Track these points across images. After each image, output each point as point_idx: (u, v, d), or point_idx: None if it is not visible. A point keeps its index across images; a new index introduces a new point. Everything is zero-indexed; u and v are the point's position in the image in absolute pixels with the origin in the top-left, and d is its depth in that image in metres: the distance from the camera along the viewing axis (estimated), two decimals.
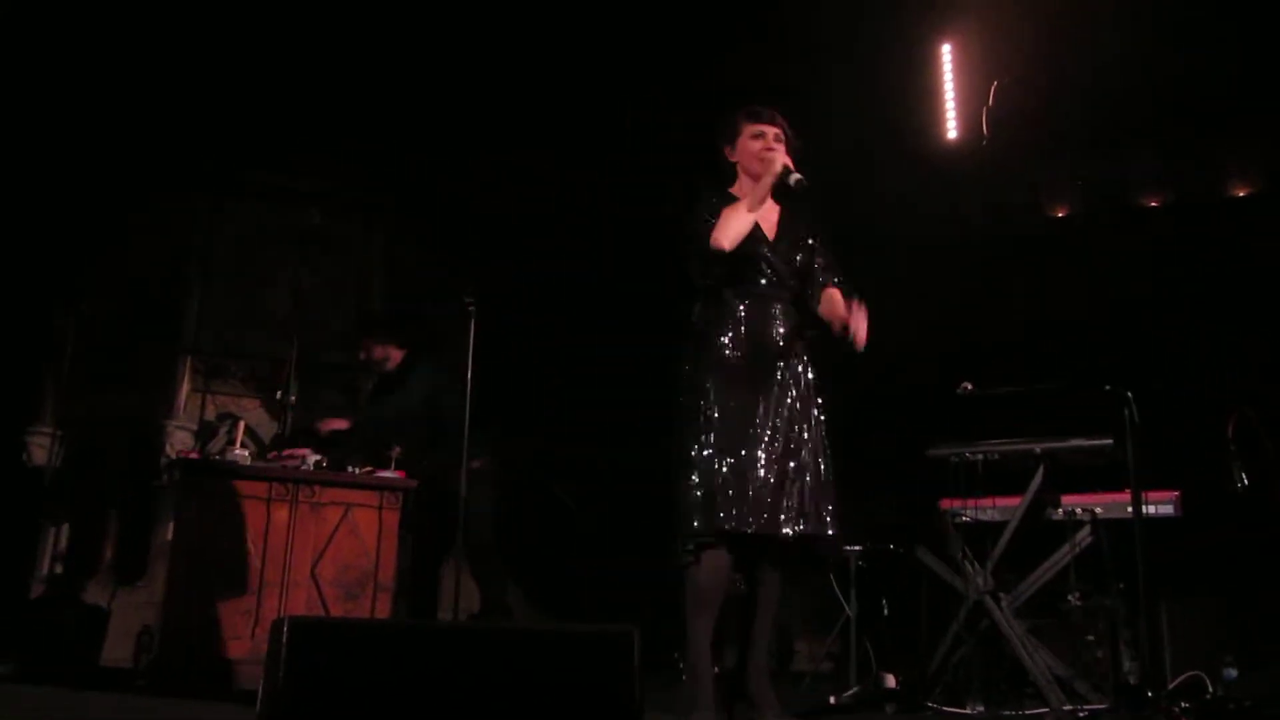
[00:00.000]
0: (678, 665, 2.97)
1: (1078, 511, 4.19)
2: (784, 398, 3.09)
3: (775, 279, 3.17)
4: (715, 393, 3.06)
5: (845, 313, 3.08)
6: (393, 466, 4.42)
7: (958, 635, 4.18)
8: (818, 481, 3.05)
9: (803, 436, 3.08)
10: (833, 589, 4.79)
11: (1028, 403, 4.02)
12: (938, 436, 4.40)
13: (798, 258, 3.22)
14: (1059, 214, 6.34)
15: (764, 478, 2.98)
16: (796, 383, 3.13)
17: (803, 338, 3.22)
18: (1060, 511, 4.26)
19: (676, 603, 3.04)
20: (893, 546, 4.71)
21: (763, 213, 3.17)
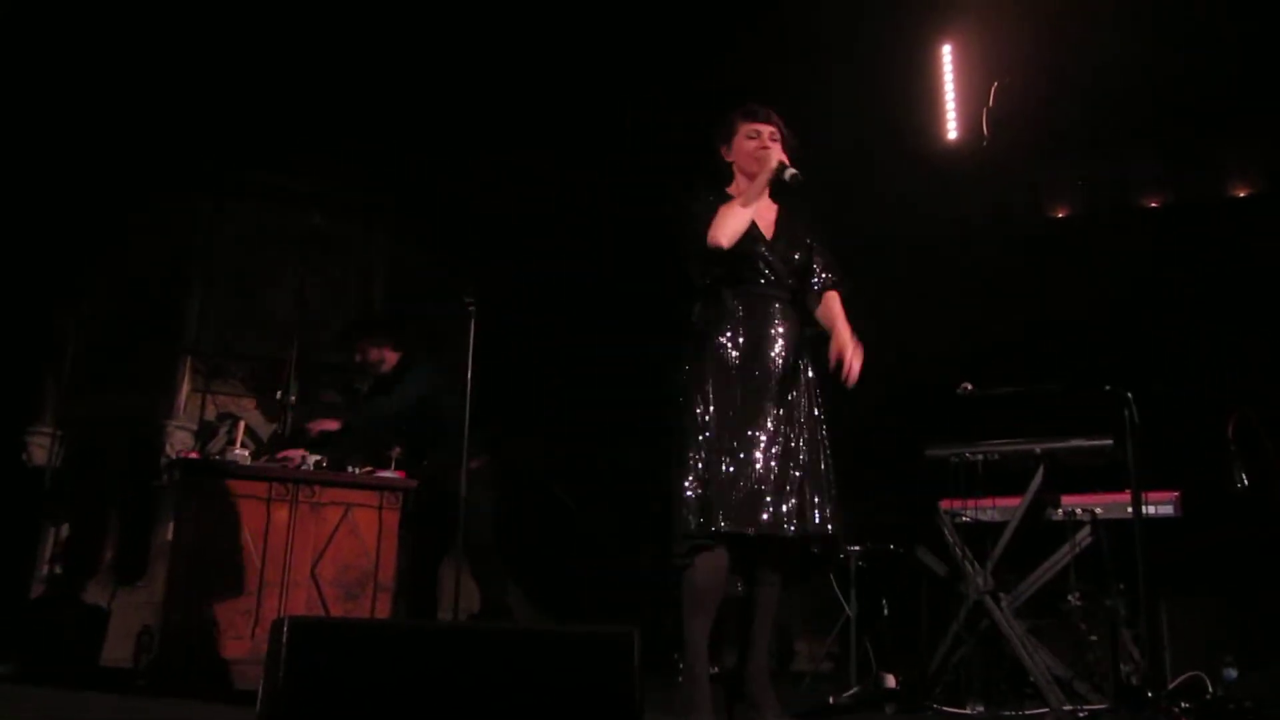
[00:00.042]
0: (677, 666, 2.97)
1: (1078, 512, 4.19)
2: (783, 397, 3.07)
3: (773, 278, 3.16)
4: (714, 393, 3.05)
5: (842, 343, 3.09)
6: (393, 467, 4.43)
7: (958, 635, 4.19)
8: (819, 481, 3.05)
9: (803, 436, 3.07)
10: (833, 589, 4.79)
11: (1028, 403, 4.02)
12: (938, 437, 4.40)
13: (796, 256, 3.20)
14: (1059, 214, 6.34)
15: (764, 478, 2.97)
16: (796, 382, 3.12)
17: (802, 337, 3.20)
18: (1060, 512, 4.27)
19: (676, 603, 3.04)
20: (893, 546, 4.71)
21: (760, 212, 3.17)
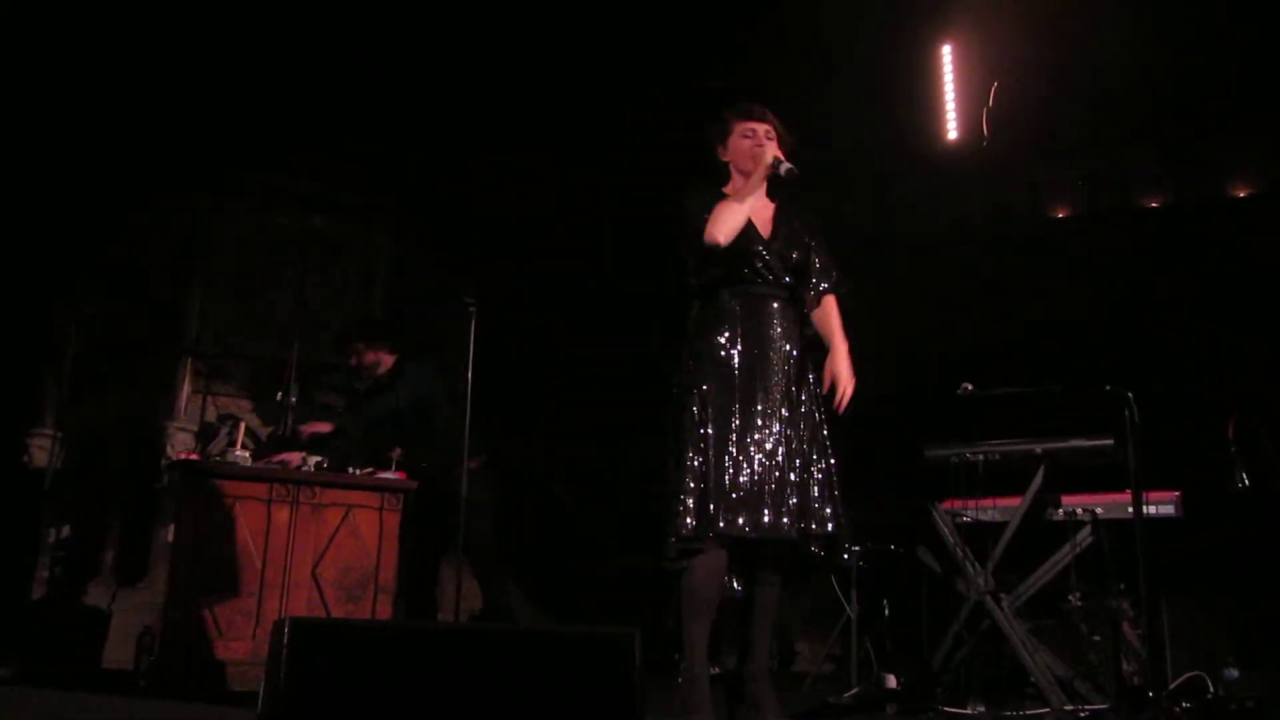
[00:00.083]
0: (678, 666, 2.96)
1: (1078, 512, 4.19)
2: (782, 397, 3.05)
3: (771, 277, 3.14)
4: (712, 394, 3.03)
5: (837, 371, 3.10)
6: (393, 468, 4.43)
7: (959, 635, 4.19)
8: (820, 481, 3.02)
9: (803, 436, 3.04)
10: (834, 590, 4.79)
11: (1028, 403, 4.02)
12: (938, 437, 4.40)
13: (794, 255, 3.18)
14: (1059, 214, 6.34)
15: (763, 479, 2.95)
16: (795, 381, 3.09)
17: (802, 336, 3.19)
18: (1061, 512, 4.26)
19: (677, 603, 3.03)
20: (893, 547, 4.71)
21: (757, 210, 3.16)
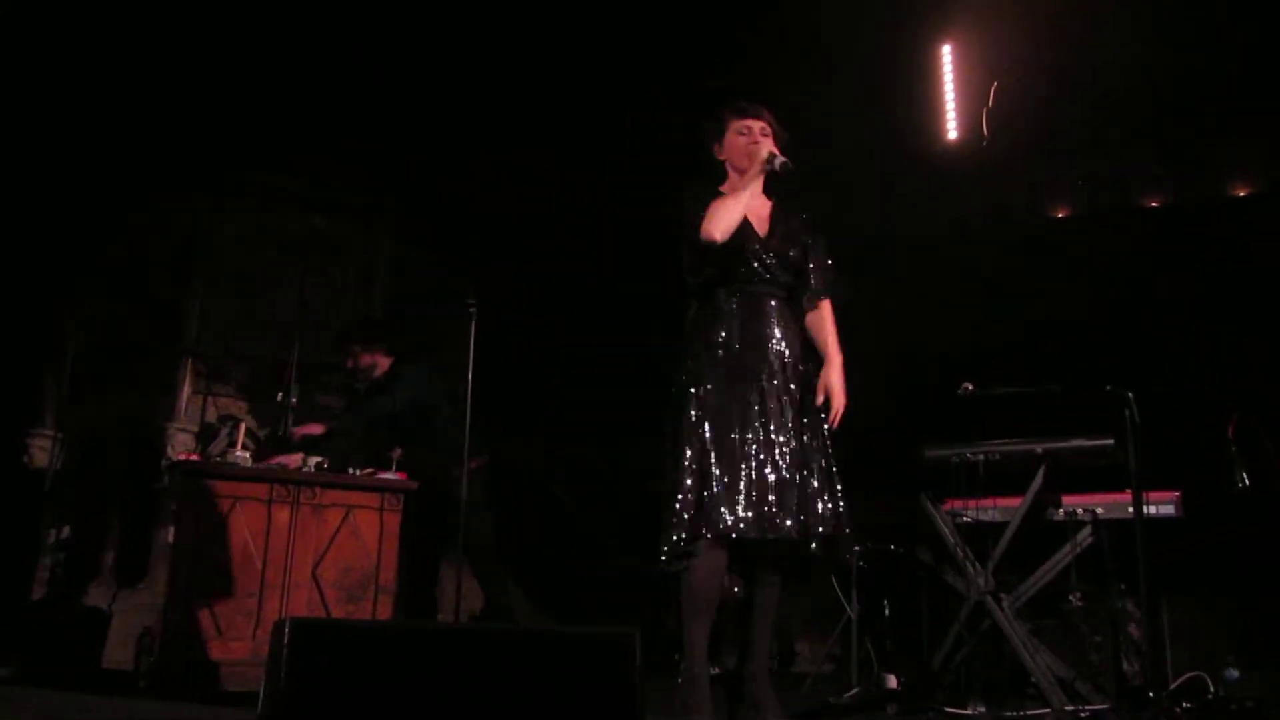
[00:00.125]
0: (678, 666, 2.96)
1: (1079, 512, 4.19)
2: (781, 396, 3.03)
3: (768, 275, 3.13)
4: (710, 393, 3.02)
5: (830, 384, 3.10)
6: (394, 468, 4.42)
7: (959, 636, 4.19)
8: (820, 481, 3.00)
9: (803, 435, 3.03)
10: (834, 590, 4.79)
11: (1028, 403, 4.02)
12: (938, 437, 4.40)
13: (791, 253, 3.17)
14: (1059, 214, 6.34)
15: (762, 479, 2.93)
16: (794, 380, 3.08)
17: (800, 335, 3.18)
18: (1061, 512, 4.27)
19: (677, 603, 3.02)
20: (893, 547, 4.71)
21: (754, 208, 3.15)
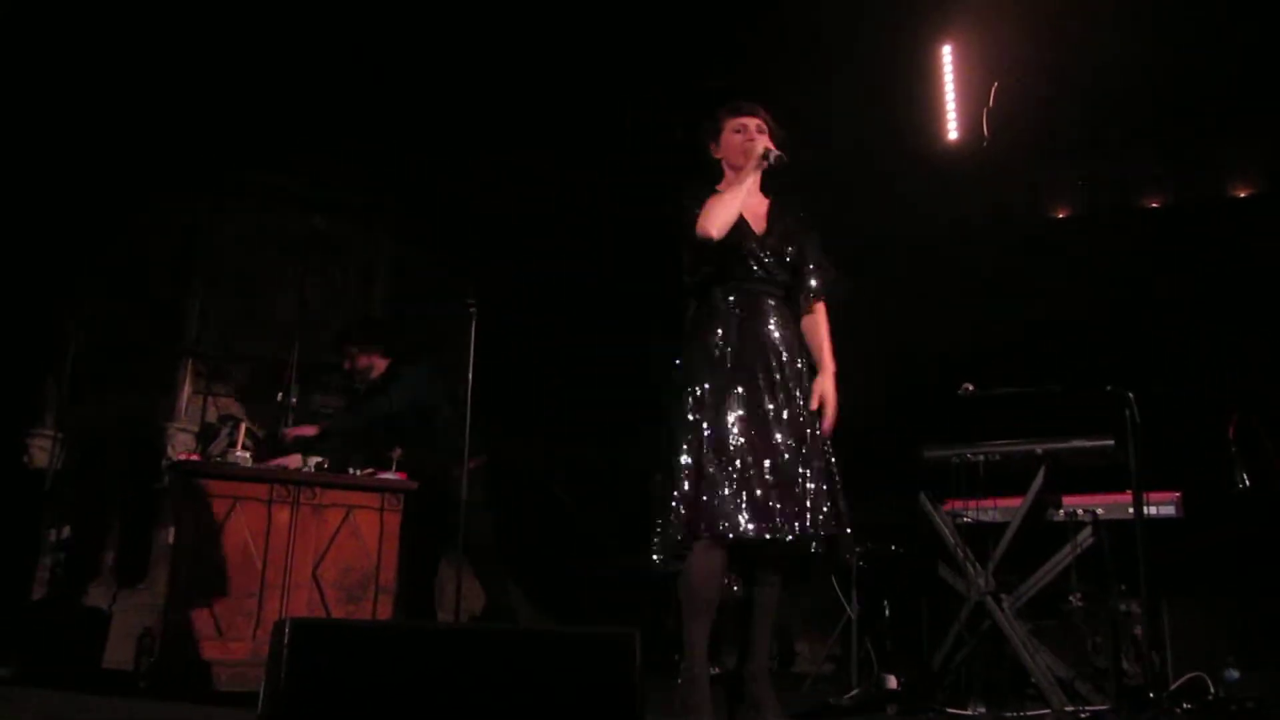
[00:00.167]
0: (678, 666, 2.96)
1: (1079, 512, 4.19)
2: (779, 396, 3.02)
3: (765, 274, 3.12)
4: (709, 392, 3.01)
5: (823, 392, 3.09)
6: (394, 468, 4.42)
7: (959, 636, 4.19)
8: (819, 481, 2.98)
9: (801, 434, 3.01)
10: (834, 590, 4.79)
11: (1029, 403, 4.02)
12: (938, 437, 4.40)
13: (788, 250, 3.15)
14: (1059, 214, 6.35)
15: (759, 479, 2.91)
16: (792, 379, 3.07)
17: (799, 333, 3.17)
18: (1061, 512, 4.27)
19: (676, 603, 3.02)
20: (893, 547, 4.70)
21: (752, 205, 3.14)
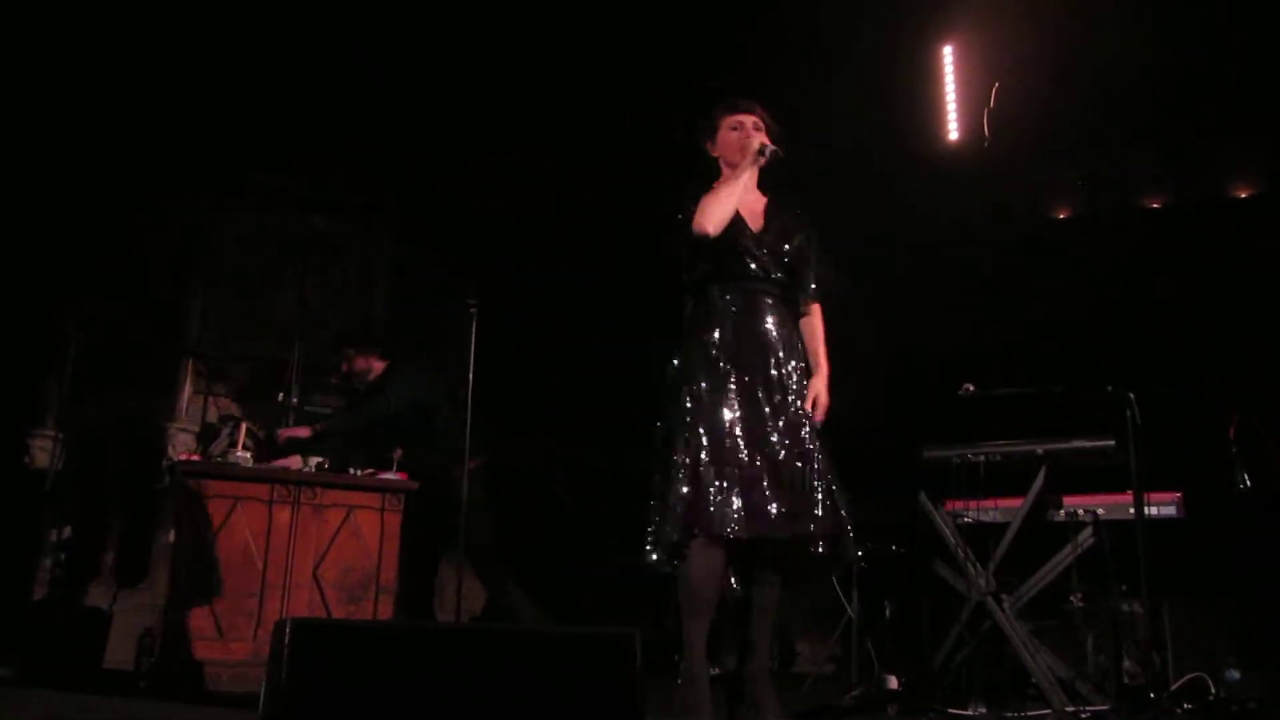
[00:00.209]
0: (678, 667, 2.96)
1: (1080, 513, 4.19)
2: (778, 394, 3.01)
3: (762, 272, 3.10)
4: (705, 392, 2.99)
5: (816, 393, 3.10)
6: (395, 468, 4.42)
7: (960, 636, 4.19)
8: (817, 480, 2.96)
9: (799, 434, 2.99)
10: (834, 590, 4.79)
11: (1029, 404, 4.02)
12: (939, 437, 4.40)
13: (786, 248, 3.14)
14: (1059, 214, 6.35)
15: (756, 478, 2.90)
16: (790, 378, 3.06)
17: (797, 331, 3.16)
18: (1062, 513, 4.27)
19: (677, 603, 3.02)
20: (893, 547, 4.70)
21: (749, 203, 3.14)
